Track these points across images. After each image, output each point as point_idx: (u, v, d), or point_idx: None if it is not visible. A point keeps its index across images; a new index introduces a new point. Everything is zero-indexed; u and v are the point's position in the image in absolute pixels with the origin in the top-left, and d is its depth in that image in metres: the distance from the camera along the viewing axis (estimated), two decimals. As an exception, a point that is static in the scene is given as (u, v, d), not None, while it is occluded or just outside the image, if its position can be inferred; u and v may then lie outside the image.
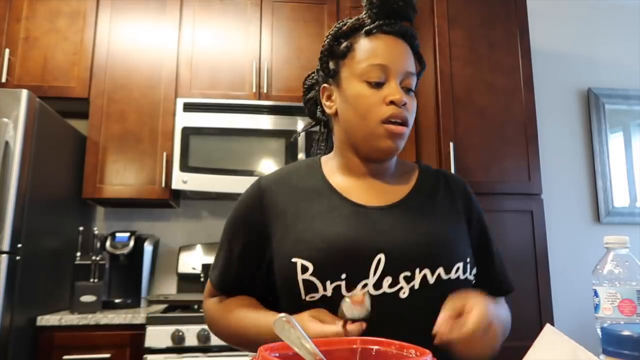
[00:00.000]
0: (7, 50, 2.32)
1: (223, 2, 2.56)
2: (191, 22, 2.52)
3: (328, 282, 0.73)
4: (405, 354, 0.52)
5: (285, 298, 0.81)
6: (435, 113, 2.25)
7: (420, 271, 0.75)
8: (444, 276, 0.75)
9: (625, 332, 0.47)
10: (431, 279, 0.75)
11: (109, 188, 2.31)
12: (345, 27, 0.85)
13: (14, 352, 1.79)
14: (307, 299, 0.75)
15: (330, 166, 0.90)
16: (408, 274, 0.74)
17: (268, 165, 2.32)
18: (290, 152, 2.33)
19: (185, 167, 2.29)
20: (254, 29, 2.54)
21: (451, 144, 2.16)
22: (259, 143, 2.35)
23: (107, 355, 1.89)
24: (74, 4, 2.44)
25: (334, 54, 0.86)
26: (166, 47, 2.47)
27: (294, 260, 0.75)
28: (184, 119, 2.33)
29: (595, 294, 0.70)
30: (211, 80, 2.46)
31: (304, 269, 0.74)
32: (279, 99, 2.44)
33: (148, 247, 2.39)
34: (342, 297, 0.71)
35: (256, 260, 0.85)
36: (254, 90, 2.46)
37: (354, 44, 0.84)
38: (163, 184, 2.32)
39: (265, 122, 2.36)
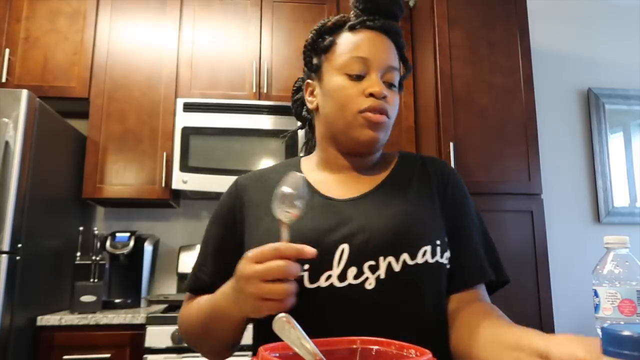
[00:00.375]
0: (7, 50, 2.32)
1: (223, 2, 2.56)
2: (191, 22, 2.52)
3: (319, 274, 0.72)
4: (405, 354, 0.52)
5: None
6: (435, 113, 2.25)
7: (384, 259, 0.73)
8: (410, 262, 0.73)
9: (625, 332, 0.47)
10: (397, 267, 0.73)
11: (109, 188, 2.31)
12: (330, 23, 0.86)
13: (14, 352, 1.79)
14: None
15: (309, 164, 0.90)
16: (372, 263, 0.72)
17: (268, 165, 2.32)
18: (290, 152, 2.33)
19: (185, 167, 2.29)
20: (254, 29, 2.54)
21: (451, 144, 2.16)
22: (259, 143, 2.35)
23: (107, 355, 1.89)
24: (74, 4, 2.44)
25: (317, 49, 0.86)
26: (166, 47, 2.47)
27: None
28: (184, 119, 2.33)
29: (595, 294, 0.70)
30: (211, 80, 2.46)
31: None
32: (279, 99, 2.44)
33: (148, 247, 2.39)
34: (304, 289, 0.71)
35: (230, 256, 0.80)
36: (254, 90, 2.46)
37: (337, 39, 0.84)
38: (163, 184, 2.32)
39: (265, 122, 2.36)
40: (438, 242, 0.77)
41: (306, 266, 0.72)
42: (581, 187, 2.77)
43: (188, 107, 2.35)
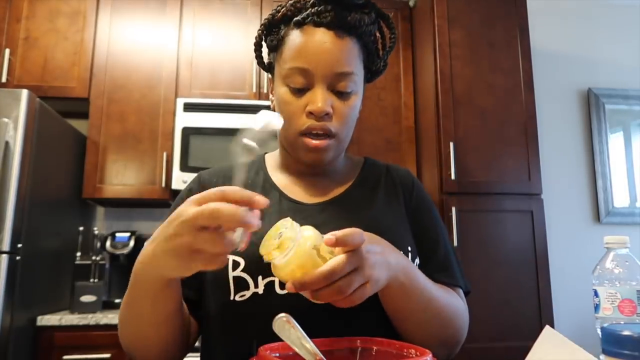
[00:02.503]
0: (7, 50, 2.32)
1: (223, 2, 2.56)
2: (191, 22, 2.52)
3: (260, 278, 0.69)
4: (405, 353, 0.52)
5: (213, 299, 0.74)
6: (435, 113, 2.25)
7: None
8: None
9: (625, 332, 0.47)
10: None
11: (109, 188, 2.31)
12: (279, 14, 0.77)
13: (14, 352, 1.79)
14: (237, 298, 0.69)
15: (273, 162, 0.86)
16: None
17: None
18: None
19: (185, 167, 2.29)
20: (254, 29, 2.54)
21: (451, 144, 2.15)
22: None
23: (107, 355, 1.89)
24: (74, 4, 2.44)
25: (268, 46, 0.79)
26: (166, 47, 2.47)
27: None
28: (184, 119, 2.33)
29: (595, 294, 0.70)
30: (211, 80, 2.46)
31: (235, 265, 0.70)
32: (279, 99, 2.44)
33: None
34: (275, 294, 0.67)
35: None
36: (254, 90, 2.46)
37: (285, 37, 0.75)
38: (163, 184, 2.32)
39: (265, 122, 2.36)
40: (409, 248, 0.75)
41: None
42: (581, 187, 2.77)
43: (188, 107, 2.35)
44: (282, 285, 0.68)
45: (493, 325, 2.03)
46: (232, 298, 0.70)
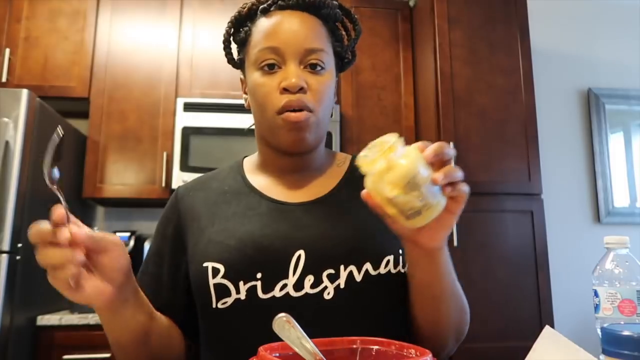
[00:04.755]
0: (7, 50, 2.32)
1: (223, 2, 2.56)
2: (191, 22, 2.52)
3: (241, 283, 0.66)
4: (405, 353, 0.52)
5: (199, 306, 0.73)
6: (435, 113, 2.25)
7: (345, 268, 0.67)
8: (373, 272, 0.68)
9: (625, 332, 0.47)
10: (358, 277, 0.67)
11: (109, 188, 2.31)
12: (246, 9, 0.78)
13: (14, 352, 1.79)
14: (219, 305, 0.67)
15: (251, 165, 0.83)
16: (332, 271, 0.67)
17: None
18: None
19: (185, 167, 2.29)
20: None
21: (451, 144, 2.16)
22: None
23: (107, 355, 1.89)
24: (75, 4, 2.44)
25: (236, 42, 0.80)
26: (166, 47, 2.47)
27: (205, 264, 0.68)
28: (184, 119, 2.33)
29: (595, 294, 0.70)
30: (211, 80, 2.46)
31: (215, 272, 0.67)
32: (279, 99, 2.44)
33: (148, 247, 2.39)
34: (258, 299, 0.66)
35: (173, 272, 0.76)
36: (254, 90, 2.46)
37: (252, 28, 0.77)
38: (163, 184, 2.32)
39: (266, 122, 2.36)
40: (401, 251, 0.71)
41: (259, 275, 0.67)
42: (581, 187, 2.77)
43: (188, 107, 2.35)
44: (265, 289, 0.67)
45: (493, 325, 2.03)
46: (214, 306, 0.68)
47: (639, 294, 0.67)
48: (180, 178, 2.27)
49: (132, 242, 2.29)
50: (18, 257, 1.82)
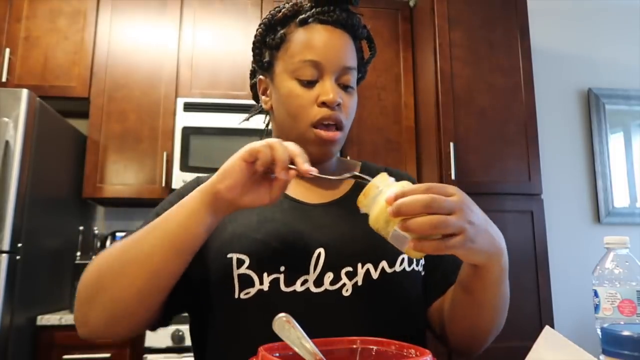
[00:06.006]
0: (7, 50, 2.32)
1: (223, 2, 2.56)
2: (191, 22, 2.52)
3: (265, 275, 0.69)
4: (405, 353, 0.52)
5: (216, 298, 0.73)
6: (435, 113, 2.25)
7: (362, 266, 0.71)
8: (388, 269, 0.72)
9: (625, 332, 0.47)
10: (375, 274, 0.71)
11: (109, 188, 2.31)
12: (280, 14, 0.79)
13: (14, 352, 1.79)
14: (242, 295, 0.69)
15: None
16: (350, 269, 0.71)
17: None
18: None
19: (185, 167, 2.29)
20: (254, 29, 2.54)
21: (451, 144, 2.16)
22: (259, 143, 2.35)
23: (107, 355, 1.89)
24: (75, 4, 2.44)
25: (268, 45, 0.80)
26: (166, 47, 2.47)
27: (229, 255, 0.70)
28: (184, 119, 2.33)
29: (595, 294, 0.70)
30: (211, 80, 2.46)
31: (240, 263, 0.70)
32: (279, 99, 2.44)
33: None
34: (280, 291, 0.68)
35: None
36: (254, 90, 2.46)
37: (288, 35, 0.77)
38: (163, 184, 2.32)
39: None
40: None
41: (282, 268, 0.70)
42: (581, 187, 2.77)
43: (188, 107, 2.35)
44: (287, 282, 0.69)
45: (493, 325, 2.03)
46: (236, 296, 0.70)
47: (639, 294, 0.67)
48: (180, 178, 2.28)
49: (132, 242, 2.29)
50: (18, 257, 1.82)
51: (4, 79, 2.28)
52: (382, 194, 0.56)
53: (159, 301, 0.66)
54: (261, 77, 0.84)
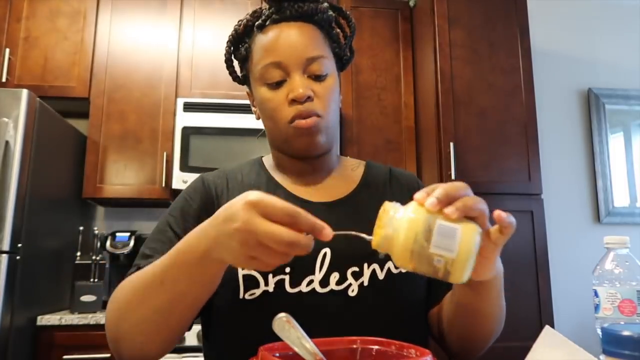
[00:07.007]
0: (7, 50, 2.32)
1: (223, 2, 2.56)
2: (191, 22, 2.52)
3: (270, 276, 0.69)
4: (405, 353, 0.52)
5: (221, 297, 0.72)
6: (435, 113, 2.25)
7: (368, 266, 0.71)
8: (394, 270, 0.72)
9: (625, 332, 0.47)
10: (381, 274, 0.71)
11: (109, 188, 2.31)
12: (241, 27, 0.80)
13: (14, 352, 1.79)
14: (246, 296, 0.69)
15: (271, 164, 0.86)
16: (356, 269, 0.71)
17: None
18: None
19: (185, 167, 2.29)
20: (254, 29, 2.54)
21: (451, 144, 2.15)
22: (260, 143, 2.35)
23: (107, 355, 1.89)
24: (75, 4, 2.44)
25: (238, 59, 0.82)
26: (166, 47, 2.47)
27: None
28: (184, 119, 2.33)
29: (595, 294, 0.70)
30: (211, 80, 2.46)
31: None
32: (279, 99, 2.44)
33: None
34: (285, 292, 0.68)
35: None
36: (254, 90, 2.46)
37: (251, 44, 0.79)
38: (163, 184, 2.32)
39: (266, 122, 2.36)
40: None
41: (287, 269, 0.69)
42: (581, 187, 2.77)
43: (188, 107, 2.35)
44: (293, 283, 0.69)
45: (493, 325, 2.03)
46: (241, 297, 0.70)
47: (639, 294, 0.66)
48: (180, 178, 2.27)
49: (132, 242, 2.29)
50: (18, 257, 1.82)
51: (3, 79, 2.28)
52: (398, 214, 0.49)
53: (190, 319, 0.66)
54: (247, 90, 0.86)
